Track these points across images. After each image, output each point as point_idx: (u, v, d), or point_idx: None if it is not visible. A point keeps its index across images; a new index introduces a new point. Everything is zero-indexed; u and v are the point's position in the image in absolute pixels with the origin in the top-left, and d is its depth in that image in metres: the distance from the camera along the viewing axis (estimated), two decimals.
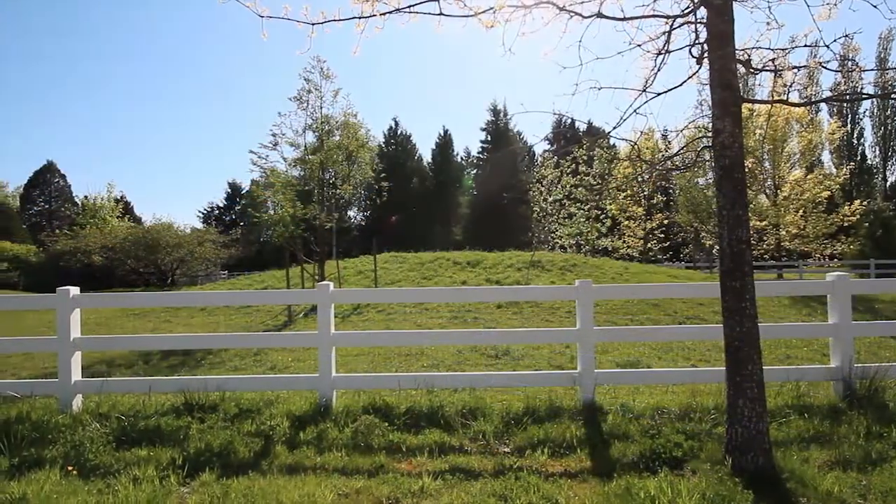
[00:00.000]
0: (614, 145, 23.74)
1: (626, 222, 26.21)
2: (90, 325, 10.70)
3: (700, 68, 3.38)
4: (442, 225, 47.98)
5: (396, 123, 54.40)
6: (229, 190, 59.18)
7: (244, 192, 57.71)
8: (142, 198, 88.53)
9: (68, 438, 3.54)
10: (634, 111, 3.45)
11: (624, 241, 24.58)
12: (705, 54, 3.17)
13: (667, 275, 14.61)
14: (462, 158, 57.37)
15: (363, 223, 49.50)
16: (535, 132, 74.66)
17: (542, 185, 16.80)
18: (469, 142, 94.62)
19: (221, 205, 58.95)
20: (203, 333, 8.08)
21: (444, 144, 54.33)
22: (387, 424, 3.77)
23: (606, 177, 14.00)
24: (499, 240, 30.21)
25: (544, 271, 14.47)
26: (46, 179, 54.59)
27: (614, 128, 3.55)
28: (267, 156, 12.89)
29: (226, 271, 38.86)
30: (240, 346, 5.54)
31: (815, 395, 4.28)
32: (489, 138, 47.12)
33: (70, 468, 3.12)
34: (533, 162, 46.44)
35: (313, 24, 2.68)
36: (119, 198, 47.30)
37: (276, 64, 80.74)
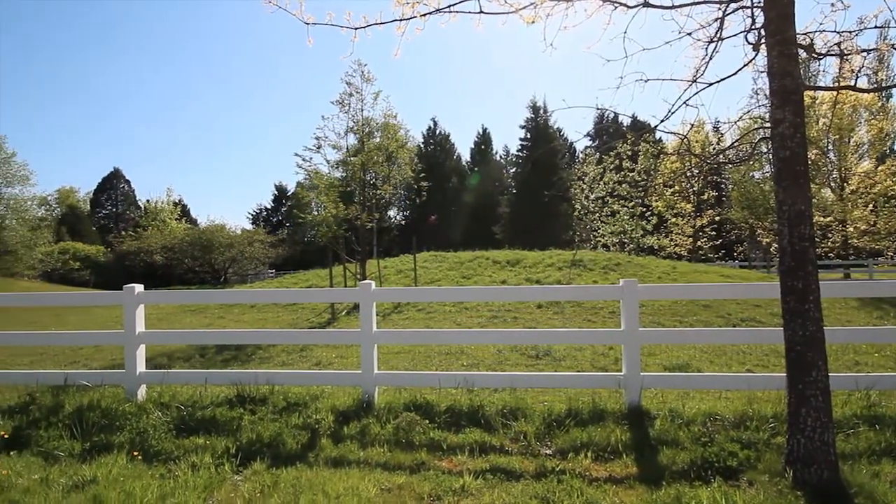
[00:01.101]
0: (661, 139, 22.83)
1: (674, 219, 25.10)
2: (152, 321, 11.47)
3: (756, 55, 3.19)
4: (481, 224, 47.85)
5: (435, 123, 54.72)
6: (276, 192, 61.61)
7: (290, 193, 59.95)
8: (197, 201, 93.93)
9: (134, 425, 3.81)
10: (684, 103, 3.30)
11: (671, 240, 23.58)
12: (762, 40, 2.99)
13: (719, 274, 13.88)
14: (501, 157, 56.97)
15: (403, 223, 50.17)
16: (576, 128, 73.03)
17: (584, 183, 16.39)
18: (508, 140, 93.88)
19: (269, 206, 61.48)
20: (254, 329, 8.47)
21: (483, 143, 54.16)
22: (427, 422, 3.81)
23: (652, 172, 13.46)
24: (539, 238, 29.76)
25: (586, 270, 14.13)
26: (113, 185, 58.94)
27: (662, 121, 3.42)
28: (311, 158, 13.34)
29: (273, 270, 40.50)
30: (287, 342, 5.77)
31: (888, 405, 3.94)
32: (528, 136, 46.44)
33: (135, 453, 3.36)
34: (574, 159, 45.45)
35: (356, 29, 2.75)
36: (177, 201, 50.43)
37: (321, 68, 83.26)
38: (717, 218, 25.29)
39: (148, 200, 48.88)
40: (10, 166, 37.27)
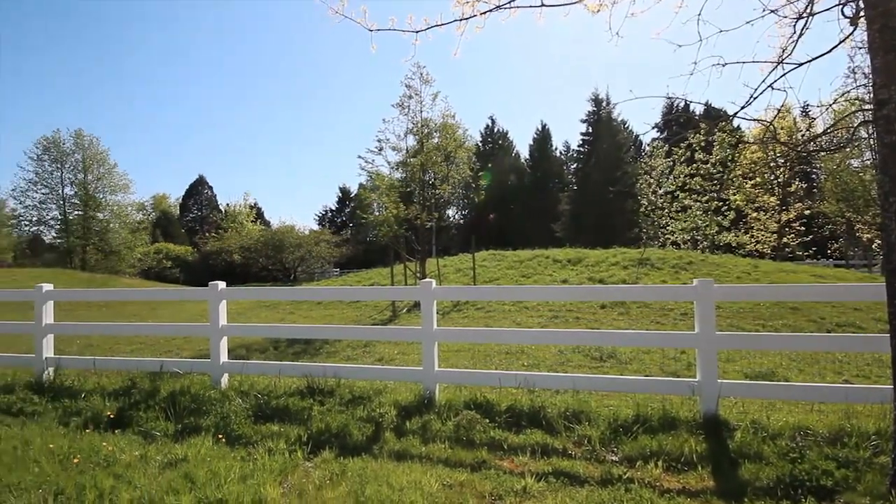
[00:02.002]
0: (739, 127, 21.04)
1: (755, 214, 23.01)
2: (232, 315, 12.41)
3: (854, 30, 2.85)
4: (541, 222, 46.90)
5: (493, 121, 54.43)
6: (340, 194, 64.37)
7: (353, 195, 62.35)
8: (270, 203, 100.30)
9: (218, 411, 4.15)
10: (769, 86, 3.03)
11: (752, 236, 21.68)
12: (861, 12, 2.66)
13: (809, 274, 12.57)
14: (561, 153, 55.47)
15: (461, 222, 50.40)
16: (643, 120, 69.18)
17: (652, 177, 15.51)
18: (568, 135, 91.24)
19: (334, 208, 64.38)
20: (321, 325, 8.91)
21: (542, 139, 53.01)
22: (488, 421, 3.80)
23: (729, 164, 12.41)
24: (602, 236, 28.63)
25: (654, 269, 13.39)
26: (198, 191, 64.61)
27: (743, 107, 3.15)
28: (373, 160, 13.78)
29: (338, 269, 42.33)
30: (352, 337, 6.01)
31: None
32: (590, 130, 44.72)
33: (220, 436, 3.67)
34: (640, 152, 43.21)
35: (417, 32, 2.81)
36: (252, 204, 54.27)
37: (384, 72, 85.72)
38: (806, 212, 22.86)
39: (227, 204, 53.10)
40: (113, 176, 42.08)
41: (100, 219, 40.83)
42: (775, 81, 3.06)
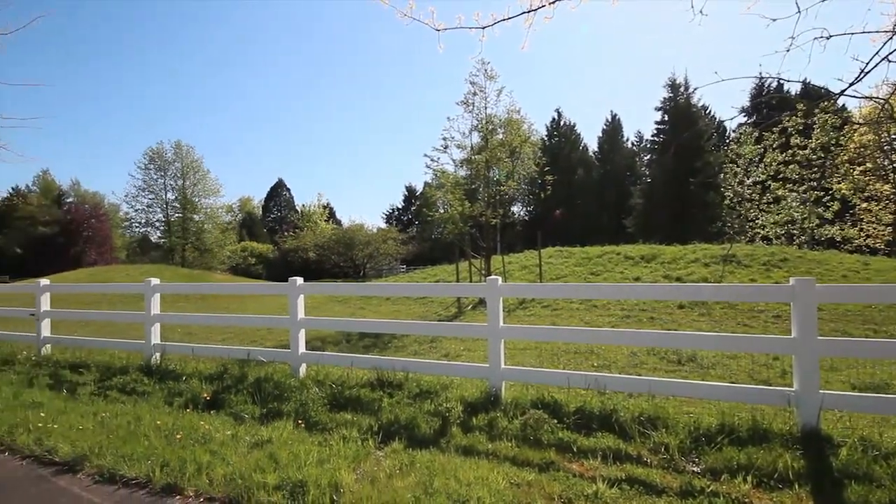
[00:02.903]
0: (844, 107, 18.66)
1: (865, 205, 20.26)
2: (307, 309, 13.23)
3: None
4: (611, 217, 44.84)
5: (559, 114, 52.89)
6: (406, 192, 66.00)
7: (419, 193, 63.62)
8: (341, 203, 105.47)
9: (297, 398, 4.44)
10: (883, 59, 2.65)
11: (861, 230, 19.13)
12: None
13: None
14: (633, 144, 52.63)
15: (526, 218, 49.54)
16: (728, 104, 63.43)
17: (738, 166, 14.19)
18: (641, 125, 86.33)
19: (400, 206, 66.19)
20: (391, 320, 9.21)
21: (612, 130, 50.64)
22: (556, 421, 3.72)
23: (833, 148, 10.97)
24: (679, 232, 26.82)
25: (741, 267, 12.32)
26: (278, 193, 69.44)
27: (852, 83, 2.79)
28: (438, 158, 13.96)
29: (404, 266, 43.50)
30: (420, 332, 6.16)
31: None
32: (666, 118, 41.78)
33: (299, 421, 3.92)
34: (724, 139, 39.77)
35: (484, 28, 2.79)
36: (325, 204, 57.33)
37: (449, 71, 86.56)
38: None
39: (303, 205, 56.55)
40: (207, 181, 46.56)
41: (196, 220, 45.44)
42: (891, 53, 2.66)
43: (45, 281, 7.41)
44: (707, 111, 42.73)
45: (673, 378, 5.02)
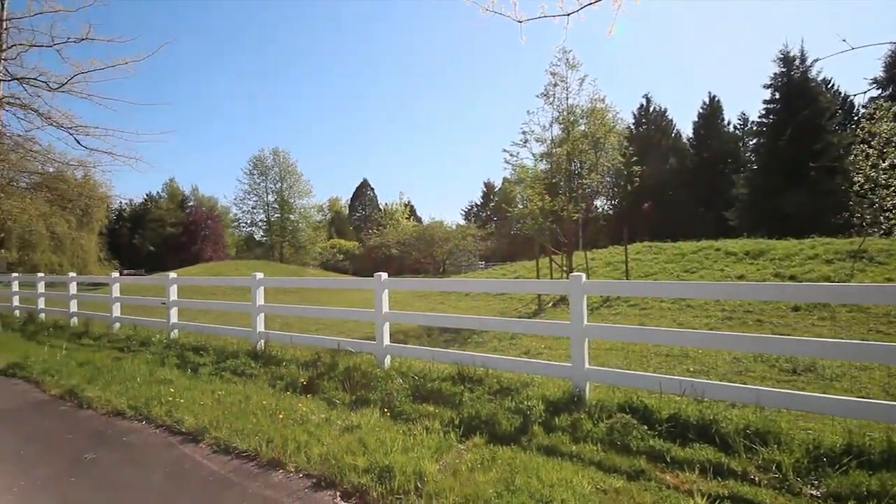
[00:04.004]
0: None
1: None
2: (390, 303, 13.84)
3: None
4: (708, 209, 40.99)
5: (648, 100, 49.41)
6: (485, 189, 66.01)
7: (497, 189, 63.30)
8: (421, 200, 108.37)
9: (383, 387, 4.66)
10: None
11: None
12: None
13: None
14: (735, 127, 47.53)
15: (611, 212, 47.03)
16: (857, 77, 54.61)
17: (872, 147, 12.18)
18: (745, 105, 77.70)
19: (479, 202, 66.38)
20: (471, 315, 9.29)
21: (711, 114, 46.18)
22: (646, 428, 3.50)
23: None
24: (793, 224, 23.78)
25: (873, 265, 10.63)
26: (363, 193, 73.20)
27: None
28: (517, 153, 13.75)
29: (483, 262, 43.58)
30: (500, 329, 6.13)
31: None
32: (777, 95, 36.93)
33: (385, 410, 4.11)
34: (851, 117, 34.44)
35: (568, 15, 2.69)
36: (406, 203, 59.24)
37: (528, 64, 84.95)
38: None
39: (386, 203, 58.96)
40: (300, 183, 50.52)
41: (292, 220, 49.64)
42: None
43: (172, 274, 8.56)
44: (829, 85, 37.12)
45: (787, 389, 4.47)
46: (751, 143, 44.20)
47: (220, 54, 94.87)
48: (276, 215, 49.79)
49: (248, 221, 51.26)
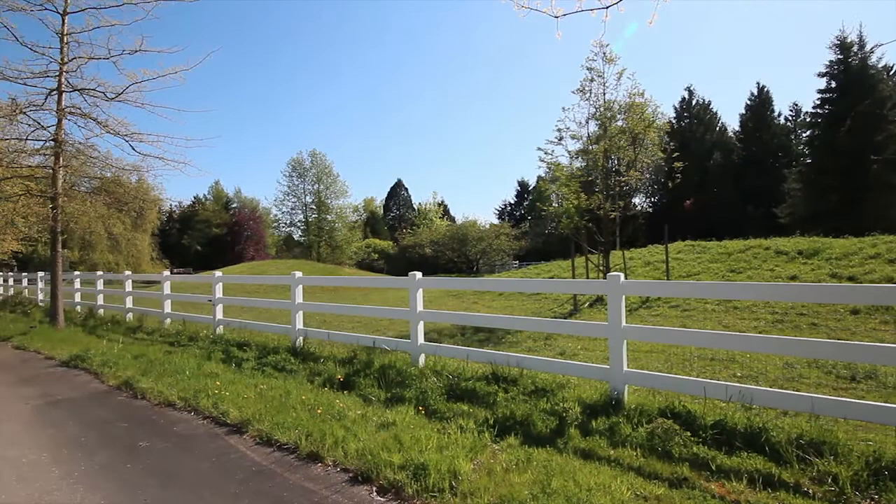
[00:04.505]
0: None
1: None
2: (424, 302, 13.94)
3: None
4: (757, 206, 38.94)
5: (690, 93, 47.48)
6: (519, 187, 65.38)
7: (531, 188, 62.56)
8: (455, 200, 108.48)
9: (417, 385, 4.70)
10: None
11: None
12: None
13: None
14: (787, 119, 44.91)
15: (650, 210, 45.52)
16: None
17: None
18: (798, 96, 73.32)
19: (512, 201, 65.83)
20: (505, 315, 9.22)
21: (759, 105, 43.83)
22: (689, 434, 3.36)
23: None
24: (852, 221, 22.27)
25: None
26: (397, 193, 74.03)
27: None
28: (552, 151, 13.52)
29: (517, 261, 43.19)
30: (535, 329, 6.06)
31: None
32: (833, 84, 34.55)
33: (420, 408, 4.14)
34: None
35: (607, 8, 2.62)
36: (440, 202, 59.61)
37: (563, 60, 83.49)
38: None
39: (420, 203, 59.50)
40: (336, 184, 51.71)
41: (328, 220, 50.92)
42: None
43: (218, 273, 8.94)
44: (891, 72, 34.42)
45: (844, 397, 4.19)
46: (804, 135, 41.67)
47: (260, 62, 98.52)
48: (314, 216, 51.21)
49: (287, 222, 53.06)
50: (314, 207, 51.24)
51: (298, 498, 2.80)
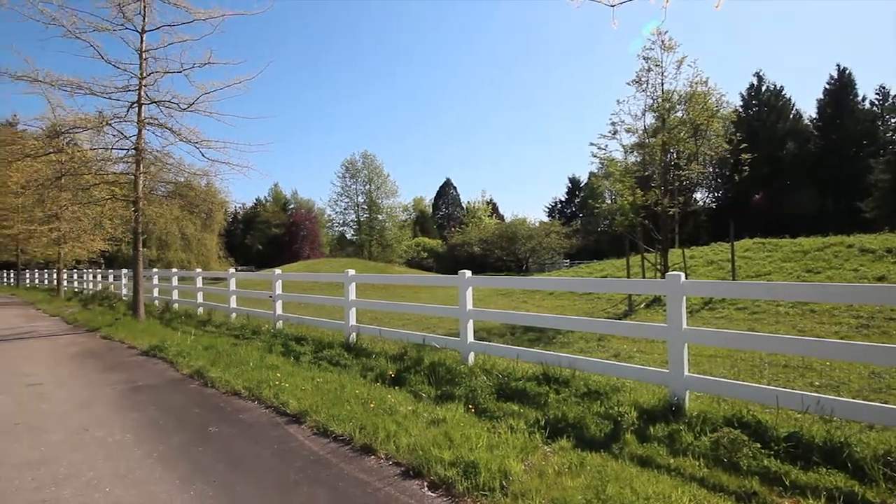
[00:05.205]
0: None
1: None
2: (473, 300, 13.93)
3: None
4: (837, 200, 35.58)
5: (760, 79, 44.15)
6: (570, 185, 63.68)
7: (583, 184, 60.78)
8: (503, 198, 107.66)
9: (467, 384, 4.71)
10: None
11: None
12: None
13: None
14: (873, 103, 40.62)
15: (714, 205, 42.82)
16: None
17: None
18: (885, 77, 66.09)
19: (563, 199, 64.21)
20: (558, 315, 9.03)
21: (840, 89, 39.99)
22: (759, 446, 3.14)
23: None
24: None
25: None
26: (446, 192, 74.50)
27: None
28: (606, 146, 13.05)
29: (567, 260, 42.16)
30: (587, 329, 5.88)
31: None
32: None
33: (469, 406, 4.15)
34: None
35: None
36: (489, 200, 59.35)
37: (615, 53, 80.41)
38: None
39: (468, 202, 59.58)
40: (387, 184, 52.88)
41: (379, 219, 52.22)
42: None
43: (277, 271, 9.42)
44: None
45: None
46: (893, 120, 37.52)
47: (314, 68, 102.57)
48: (365, 215, 52.70)
49: (340, 221, 55.01)
50: (365, 207, 52.74)
51: (353, 488, 2.90)
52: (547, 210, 64.95)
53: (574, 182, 63.23)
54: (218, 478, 3.09)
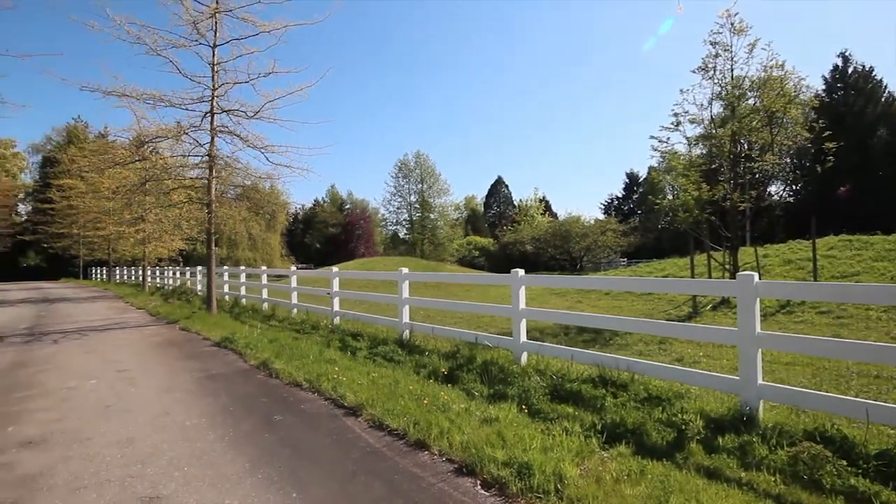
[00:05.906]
0: None
1: None
2: (526, 299, 13.74)
3: None
4: None
5: (846, 59, 39.94)
6: (627, 180, 61.04)
7: (642, 180, 58.08)
8: (557, 195, 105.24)
9: (520, 384, 4.65)
10: None
11: None
12: None
13: None
14: None
15: (791, 199, 39.36)
16: None
17: None
18: None
19: (620, 195, 61.65)
20: (614, 316, 8.70)
21: None
22: (845, 463, 2.86)
23: None
24: None
25: None
26: (497, 190, 73.98)
27: None
28: (667, 138, 12.39)
29: (625, 259, 40.47)
30: (648, 332, 5.62)
31: None
32: None
33: (522, 406, 4.10)
34: None
35: None
36: (541, 198, 58.19)
37: (680, 43, 76.13)
38: None
39: (521, 200, 58.75)
40: (439, 183, 53.35)
41: (431, 218, 52.80)
42: None
43: (335, 268, 9.79)
44: None
45: None
46: None
47: (369, 73, 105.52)
48: (417, 214, 53.49)
49: (394, 220, 56.20)
50: (418, 206, 53.52)
51: (408, 482, 2.96)
52: (603, 207, 62.67)
53: (632, 177, 60.53)
54: (283, 463, 3.27)
